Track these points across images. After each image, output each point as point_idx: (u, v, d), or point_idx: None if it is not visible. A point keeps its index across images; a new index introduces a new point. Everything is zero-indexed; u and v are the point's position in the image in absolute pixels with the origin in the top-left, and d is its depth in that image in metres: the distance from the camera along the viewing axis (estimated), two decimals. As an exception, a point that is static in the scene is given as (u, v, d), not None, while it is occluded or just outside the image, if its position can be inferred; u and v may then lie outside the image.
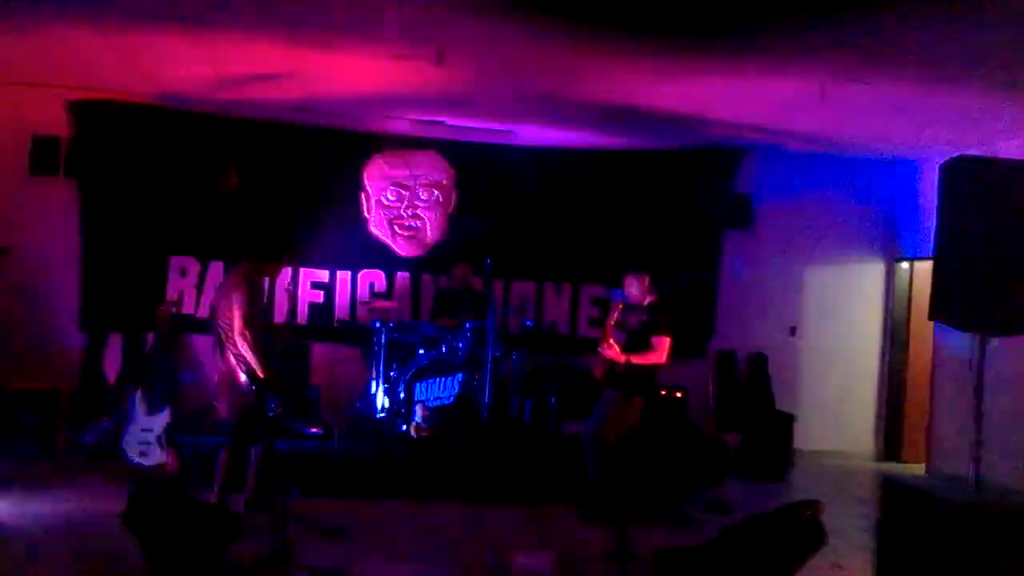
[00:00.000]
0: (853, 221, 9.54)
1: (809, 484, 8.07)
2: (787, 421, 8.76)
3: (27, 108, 8.22)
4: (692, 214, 9.04)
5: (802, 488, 7.94)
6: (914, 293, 9.23)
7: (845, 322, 9.62)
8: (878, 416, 9.63)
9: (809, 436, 9.02)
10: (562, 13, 5.46)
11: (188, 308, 8.38)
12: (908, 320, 9.41)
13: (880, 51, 5.85)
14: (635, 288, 6.45)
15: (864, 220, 9.56)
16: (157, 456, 6.84)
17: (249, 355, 5.75)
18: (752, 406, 9.00)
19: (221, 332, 5.89)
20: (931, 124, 7.64)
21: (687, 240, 9.05)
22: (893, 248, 9.59)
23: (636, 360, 6.21)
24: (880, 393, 9.64)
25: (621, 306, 6.50)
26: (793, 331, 9.52)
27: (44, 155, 8.28)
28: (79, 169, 8.29)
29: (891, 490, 5.46)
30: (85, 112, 8.20)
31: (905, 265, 9.49)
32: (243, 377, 5.82)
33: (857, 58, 6.01)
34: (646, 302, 6.43)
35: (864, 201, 9.51)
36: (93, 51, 6.95)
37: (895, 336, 9.57)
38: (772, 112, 7.62)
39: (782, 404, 9.05)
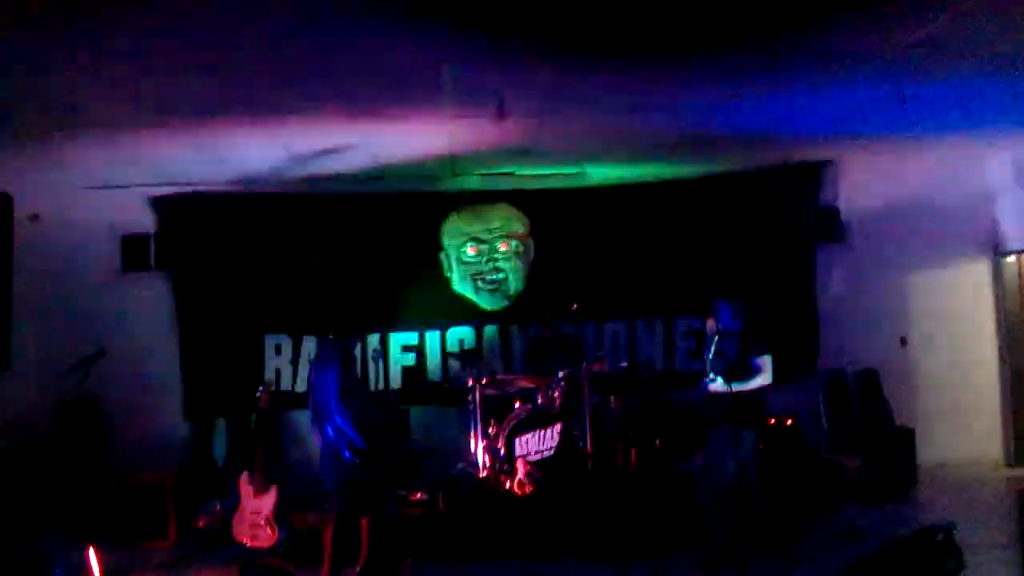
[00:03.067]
0: (950, 220, 9.09)
1: (937, 501, 7.62)
2: (907, 436, 8.32)
3: (115, 209, 8.54)
4: (780, 233, 8.79)
5: (930, 506, 7.50)
6: (1025, 286, 8.75)
7: (956, 324, 9.16)
8: (1004, 419, 9.06)
9: (932, 449, 8.53)
10: (617, 48, 5.39)
11: (285, 385, 8.50)
12: (1022, 314, 8.88)
13: (958, 44, 5.59)
14: (725, 315, 6.25)
15: (962, 217, 9.10)
16: (268, 536, 6.87)
17: (348, 426, 5.78)
18: (868, 424, 8.59)
19: (320, 407, 5.94)
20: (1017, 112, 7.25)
21: (778, 260, 8.79)
22: (996, 242, 9.11)
23: (742, 388, 6.01)
24: (1005, 394, 9.07)
25: (716, 338, 6.30)
26: (904, 341, 9.10)
27: (134, 252, 8.62)
28: (168, 261, 8.58)
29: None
30: (168, 206, 8.51)
31: (1012, 259, 9.01)
32: (345, 449, 5.85)
33: (932, 55, 5.75)
34: (737, 327, 6.22)
35: (959, 198, 9.06)
36: (171, 147, 7.20)
37: (1011, 332, 9.04)
38: (850, 120, 7.36)
39: (899, 419, 8.62)
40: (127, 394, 8.40)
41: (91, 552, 6.23)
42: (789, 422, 7.64)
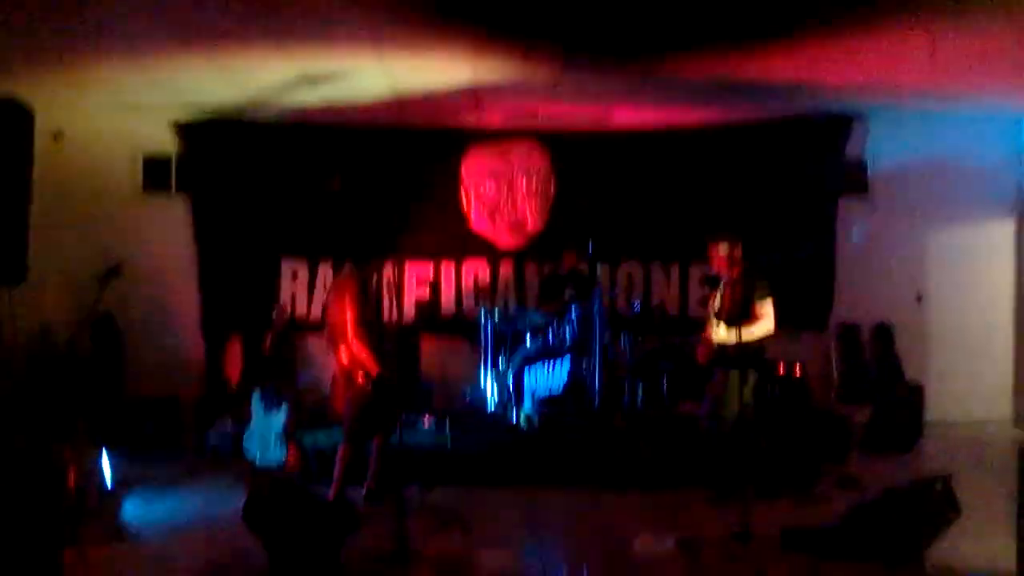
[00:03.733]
0: (976, 179, 8.97)
1: (942, 456, 7.64)
2: (916, 391, 8.34)
3: (139, 130, 8.59)
4: (803, 184, 8.68)
5: (934, 460, 7.54)
6: (1047, 249, 8.66)
7: (973, 284, 9.11)
8: (1016, 380, 9.05)
9: (941, 406, 8.56)
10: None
11: (300, 309, 8.59)
12: (1042, 278, 8.85)
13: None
14: (723, 259, 6.19)
15: (988, 177, 8.98)
16: (278, 454, 7.01)
17: (364, 353, 5.85)
18: (878, 378, 8.60)
19: (335, 331, 6.00)
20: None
21: (800, 211, 8.71)
22: (1021, 204, 8.98)
23: (745, 335, 5.97)
24: (1018, 356, 9.05)
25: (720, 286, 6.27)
26: (920, 298, 9.06)
27: (156, 174, 8.69)
28: (189, 184, 8.63)
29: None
30: (191, 132, 8.52)
31: (1036, 220, 8.91)
32: (359, 374, 5.92)
33: (967, 7, 5.63)
34: (736, 273, 6.17)
35: (987, 158, 8.92)
36: (194, 71, 7.18)
37: (1029, 296, 8.99)
38: (880, 73, 7.23)
39: (910, 374, 8.64)
40: (145, 312, 8.55)
41: (105, 460, 6.40)
42: (798, 372, 7.64)
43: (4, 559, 4.48)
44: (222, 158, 8.57)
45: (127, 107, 8.30)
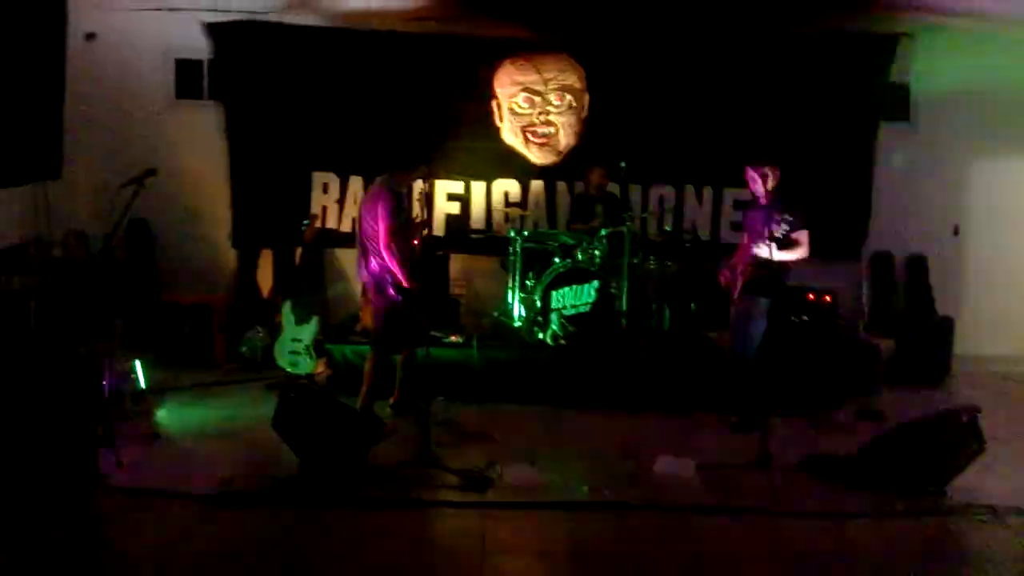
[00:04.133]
0: (1021, 108, 8.70)
1: (969, 391, 7.59)
2: (947, 325, 8.29)
3: (172, 32, 8.48)
4: (844, 106, 8.43)
5: (962, 395, 7.50)
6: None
7: (1013, 220, 8.94)
8: (1050, 317, 8.94)
9: (973, 341, 8.51)
10: None
11: (331, 223, 8.59)
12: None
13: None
14: (760, 183, 6.08)
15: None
16: (307, 364, 7.12)
17: (395, 265, 5.89)
18: (909, 310, 8.53)
19: (367, 243, 6.02)
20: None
21: (839, 134, 8.48)
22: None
23: (781, 258, 5.92)
24: (1053, 292, 8.93)
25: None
26: (956, 230, 8.91)
27: (188, 78, 8.64)
28: (222, 91, 8.56)
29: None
30: (222, 34, 8.38)
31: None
32: (389, 287, 5.95)
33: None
34: (772, 199, 6.04)
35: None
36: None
37: (1070, 232, 8.81)
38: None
39: (943, 308, 8.57)
40: (177, 219, 8.60)
41: (138, 364, 6.54)
42: (827, 299, 7.58)
43: (42, 457, 4.63)
44: (253, 61, 8.43)
45: (161, 6, 8.20)
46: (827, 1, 7.40)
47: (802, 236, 6.00)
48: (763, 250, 5.82)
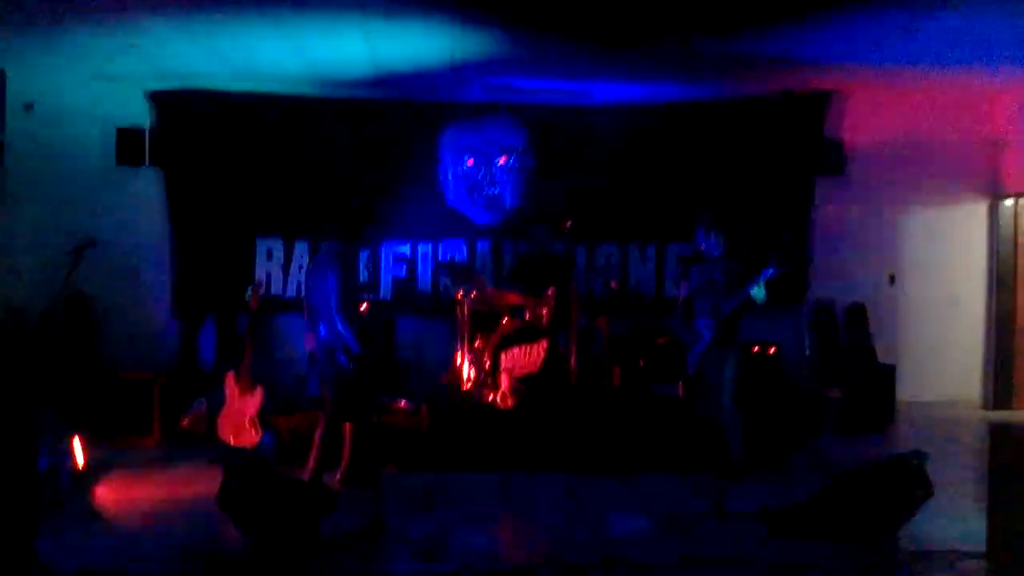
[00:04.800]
0: (951, 159, 9.05)
1: (913, 436, 7.73)
2: (888, 372, 8.44)
3: (112, 101, 8.42)
4: (780, 162, 8.71)
5: (906, 440, 7.60)
6: (1020, 231, 8.74)
7: (947, 266, 9.19)
8: (986, 362, 9.16)
9: (913, 387, 8.68)
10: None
11: (276, 289, 8.52)
12: (1015, 260, 8.96)
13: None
14: (714, 242, 6.20)
15: (964, 157, 9.07)
16: (251, 436, 6.96)
17: (346, 332, 5.82)
18: (851, 358, 8.68)
19: (315, 310, 5.96)
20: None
21: (776, 190, 8.74)
22: (996, 185, 9.06)
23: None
24: (988, 338, 9.15)
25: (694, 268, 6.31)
26: (892, 279, 9.13)
27: (129, 146, 8.53)
28: (163, 158, 8.49)
29: (1001, 438, 5.18)
30: (166, 102, 8.37)
31: (1009, 202, 8.98)
32: (339, 353, 5.89)
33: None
34: (717, 254, 6.17)
35: (963, 138, 9.00)
36: (172, 41, 7.04)
37: (1001, 278, 9.06)
38: (859, 49, 7.24)
39: (883, 355, 8.72)
40: (117, 290, 8.43)
41: (76, 442, 6.33)
42: (772, 350, 7.69)
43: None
44: (196, 129, 8.44)
45: (100, 77, 8.15)
46: (760, 64, 7.62)
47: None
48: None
